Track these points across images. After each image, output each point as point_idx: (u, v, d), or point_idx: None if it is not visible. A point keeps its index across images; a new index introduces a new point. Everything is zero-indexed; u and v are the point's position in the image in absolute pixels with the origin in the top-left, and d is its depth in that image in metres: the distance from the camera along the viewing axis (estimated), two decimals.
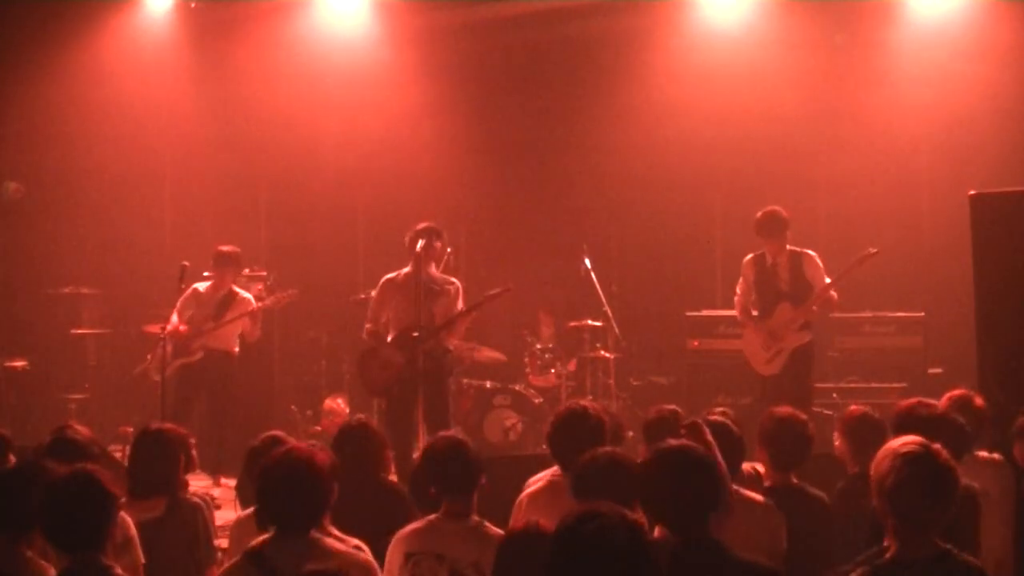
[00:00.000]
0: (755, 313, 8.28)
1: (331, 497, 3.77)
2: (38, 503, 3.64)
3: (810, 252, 8.22)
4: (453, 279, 7.99)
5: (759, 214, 8.21)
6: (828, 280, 8.07)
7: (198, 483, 7.90)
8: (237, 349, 8.90)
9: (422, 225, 7.78)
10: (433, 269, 7.84)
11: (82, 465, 3.73)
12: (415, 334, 7.52)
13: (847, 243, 10.49)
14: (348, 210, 11.32)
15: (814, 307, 8.07)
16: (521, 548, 3.46)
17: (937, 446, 3.22)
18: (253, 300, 8.92)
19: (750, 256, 8.35)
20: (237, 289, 8.94)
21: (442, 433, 4.53)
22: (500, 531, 4.00)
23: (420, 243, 7.63)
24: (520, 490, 4.76)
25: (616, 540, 2.67)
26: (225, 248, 8.83)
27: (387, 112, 10.81)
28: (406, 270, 7.81)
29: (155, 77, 10.88)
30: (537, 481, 4.75)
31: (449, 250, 9.01)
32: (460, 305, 7.83)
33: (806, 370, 8.19)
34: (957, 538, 3.24)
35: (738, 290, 8.39)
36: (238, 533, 4.40)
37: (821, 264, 8.19)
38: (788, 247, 8.19)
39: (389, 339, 7.78)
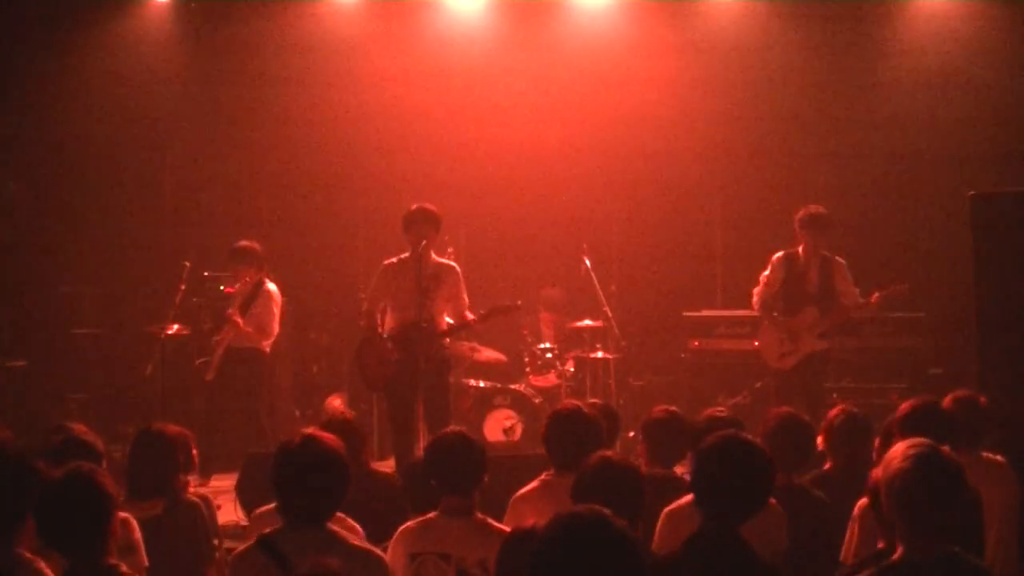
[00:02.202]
0: (775, 314, 8.28)
1: (348, 487, 3.70)
2: (34, 503, 3.59)
3: (840, 259, 8.22)
4: (452, 263, 7.93)
5: (806, 211, 8.18)
6: (860, 298, 8.11)
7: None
8: (267, 347, 8.73)
9: (417, 209, 7.66)
10: (433, 255, 7.77)
11: (78, 465, 3.67)
12: (415, 330, 7.52)
13: (847, 244, 10.52)
14: (348, 210, 11.31)
15: (838, 320, 8.12)
16: (524, 548, 3.45)
17: (945, 448, 3.22)
18: (277, 292, 8.83)
19: (782, 253, 8.30)
20: (270, 285, 8.76)
21: (448, 428, 4.49)
22: (505, 528, 3.99)
23: (423, 243, 7.59)
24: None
25: (599, 545, 2.63)
26: (239, 244, 8.80)
27: (386, 111, 10.80)
28: (404, 255, 7.73)
29: (154, 76, 10.86)
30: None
31: (450, 250, 8.99)
32: (462, 288, 7.77)
33: (820, 376, 8.21)
34: (964, 541, 3.24)
35: (761, 282, 8.35)
36: (257, 528, 4.40)
37: (847, 272, 8.20)
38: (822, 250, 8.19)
39: (387, 332, 7.73)
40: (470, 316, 7.77)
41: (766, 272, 8.36)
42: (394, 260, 7.79)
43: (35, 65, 10.46)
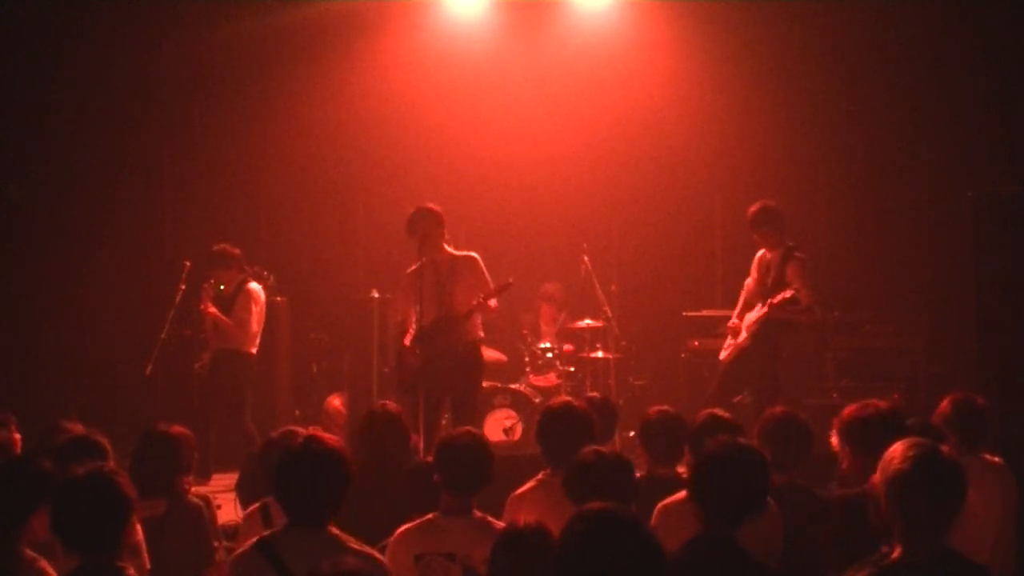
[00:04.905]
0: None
1: (348, 489, 3.70)
2: (52, 500, 3.59)
3: (798, 255, 8.03)
4: (471, 253, 7.81)
5: (750, 209, 8.12)
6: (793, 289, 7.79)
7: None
8: (251, 348, 8.68)
9: (417, 211, 7.61)
10: (447, 249, 7.70)
11: (98, 465, 3.69)
12: (418, 330, 7.51)
13: (847, 243, 10.54)
14: (348, 210, 11.32)
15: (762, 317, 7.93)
16: (518, 545, 3.46)
17: (944, 447, 3.23)
18: (259, 292, 8.80)
19: (761, 252, 8.25)
20: (252, 285, 8.74)
21: (463, 428, 4.49)
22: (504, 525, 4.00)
23: (425, 242, 7.57)
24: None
25: (629, 540, 2.68)
26: (214, 247, 8.77)
27: (387, 111, 10.81)
28: (423, 260, 7.66)
29: (152, 74, 10.85)
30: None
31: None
32: (484, 275, 7.67)
33: (747, 373, 8.08)
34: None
35: (745, 285, 8.39)
36: (246, 529, 4.41)
37: (800, 266, 7.98)
38: (788, 244, 8.05)
39: (416, 334, 7.69)
40: (486, 276, 7.69)
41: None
42: (413, 268, 7.74)
43: (34, 65, 10.46)
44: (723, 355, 8.32)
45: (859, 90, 10.50)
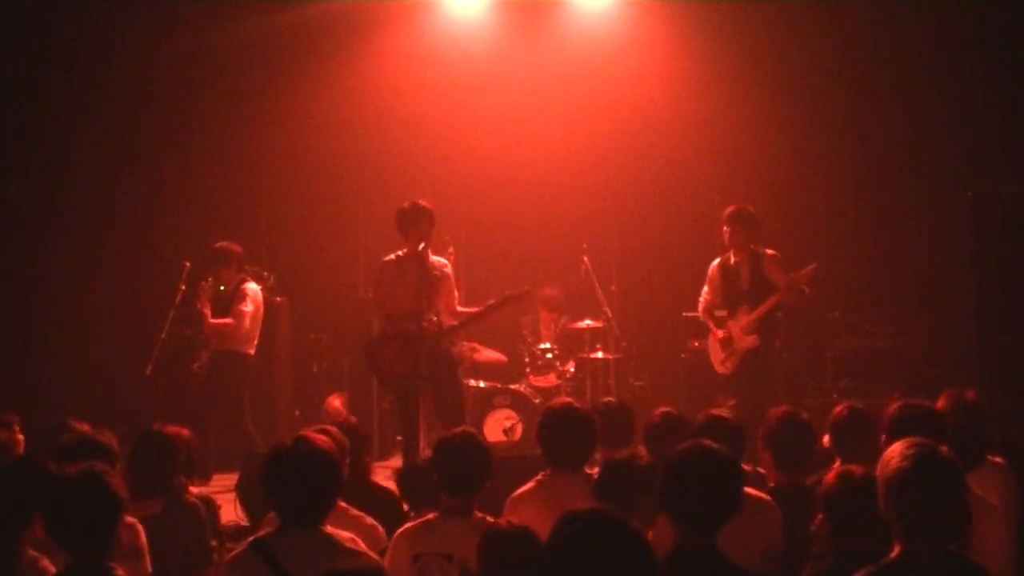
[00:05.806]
0: (719, 314, 8.30)
1: (341, 487, 3.70)
2: (45, 500, 3.60)
3: (769, 251, 8.14)
4: (445, 260, 7.85)
5: (731, 207, 8.20)
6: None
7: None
8: (248, 349, 8.67)
9: (412, 208, 7.57)
10: (429, 253, 7.69)
11: (91, 465, 3.69)
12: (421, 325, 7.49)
13: (847, 243, 10.53)
14: (349, 210, 11.31)
15: (767, 308, 8.01)
16: (497, 545, 3.46)
17: (943, 447, 3.23)
18: (256, 292, 8.76)
19: (716, 260, 8.39)
20: (249, 285, 8.69)
21: (459, 429, 4.47)
22: None
23: (421, 245, 7.55)
24: None
25: (617, 541, 2.67)
26: (216, 245, 8.77)
27: (387, 112, 10.81)
28: (401, 252, 7.66)
29: (152, 74, 10.85)
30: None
31: (451, 249, 8.98)
32: (454, 286, 7.77)
33: (760, 373, 8.12)
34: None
35: (703, 293, 8.47)
36: None
37: (779, 263, 8.10)
38: (752, 247, 8.14)
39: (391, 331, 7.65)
40: (463, 308, 7.75)
41: (706, 283, 8.45)
42: (392, 257, 7.71)
43: (33, 66, 10.46)
44: (723, 367, 8.29)
45: (859, 90, 10.50)
